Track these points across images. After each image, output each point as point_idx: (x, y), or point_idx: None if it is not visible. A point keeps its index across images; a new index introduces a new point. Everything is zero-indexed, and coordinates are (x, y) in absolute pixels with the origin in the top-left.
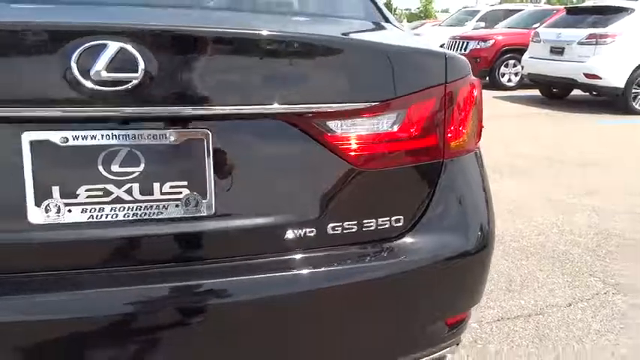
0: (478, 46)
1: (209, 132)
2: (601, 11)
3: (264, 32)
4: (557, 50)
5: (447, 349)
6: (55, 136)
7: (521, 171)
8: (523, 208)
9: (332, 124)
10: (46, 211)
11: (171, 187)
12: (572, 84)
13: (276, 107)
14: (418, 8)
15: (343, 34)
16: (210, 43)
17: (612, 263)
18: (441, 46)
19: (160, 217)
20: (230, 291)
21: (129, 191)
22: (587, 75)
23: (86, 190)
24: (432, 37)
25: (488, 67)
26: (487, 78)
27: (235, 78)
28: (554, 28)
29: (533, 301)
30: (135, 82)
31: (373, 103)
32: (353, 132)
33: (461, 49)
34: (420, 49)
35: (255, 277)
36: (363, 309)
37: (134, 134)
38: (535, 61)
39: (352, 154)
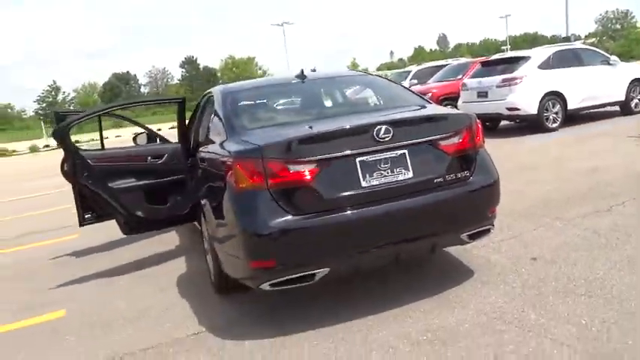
0: None
1: (406, 150)
2: (506, 61)
3: (421, 114)
4: (483, 94)
5: (490, 225)
6: (365, 158)
7: None
8: None
9: (441, 142)
10: (366, 182)
11: (398, 169)
12: (500, 117)
13: (424, 139)
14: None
15: (439, 109)
16: (404, 123)
17: (551, 210)
18: None
19: (397, 179)
20: (420, 200)
21: (387, 172)
22: (509, 109)
23: (375, 173)
24: None
25: None
26: None
27: (413, 130)
28: (475, 78)
29: (514, 232)
30: (389, 137)
31: (451, 132)
32: (448, 143)
33: None
34: (464, 113)
35: (429, 194)
36: (463, 203)
37: (388, 154)
38: (468, 104)
39: (449, 151)
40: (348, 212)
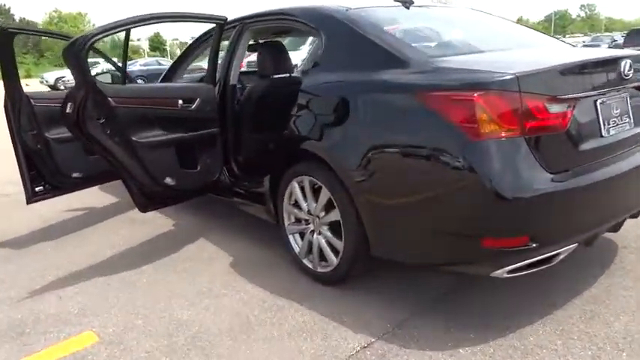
0: None
1: (627, 94)
2: None
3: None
4: None
5: None
6: (604, 100)
7: None
8: None
9: None
10: (605, 130)
11: (625, 116)
12: None
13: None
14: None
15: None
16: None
17: None
18: None
19: (625, 129)
20: None
21: (618, 120)
22: None
23: (611, 120)
24: None
25: None
26: None
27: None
28: None
29: None
30: (630, 75)
31: None
32: None
33: None
34: None
35: None
36: None
37: (619, 96)
38: None
39: None
40: (603, 170)
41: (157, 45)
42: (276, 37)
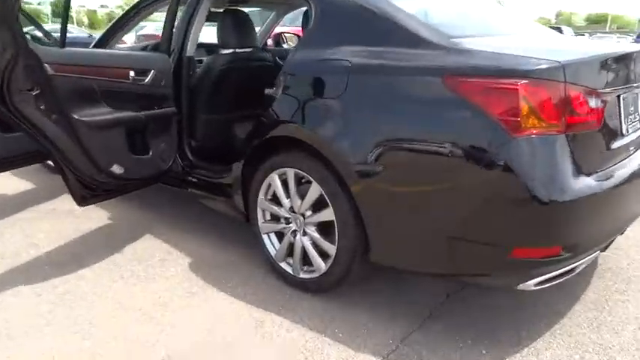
0: None
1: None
2: None
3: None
4: None
5: None
6: (626, 95)
7: None
8: None
9: None
10: (625, 129)
11: (635, 114)
12: None
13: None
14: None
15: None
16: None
17: None
18: None
19: (638, 127)
20: None
21: (634, 117)
22: None
23: (629, 117)
24: None
25: None
26: None
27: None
28: None
29: None
30: None
31: None
32: None
33: None
34: None
35: None
36: None
37: (636, 91)
38: None
39: None
40: (625, 170)
41: (60, 10)
42: (239, 6)
